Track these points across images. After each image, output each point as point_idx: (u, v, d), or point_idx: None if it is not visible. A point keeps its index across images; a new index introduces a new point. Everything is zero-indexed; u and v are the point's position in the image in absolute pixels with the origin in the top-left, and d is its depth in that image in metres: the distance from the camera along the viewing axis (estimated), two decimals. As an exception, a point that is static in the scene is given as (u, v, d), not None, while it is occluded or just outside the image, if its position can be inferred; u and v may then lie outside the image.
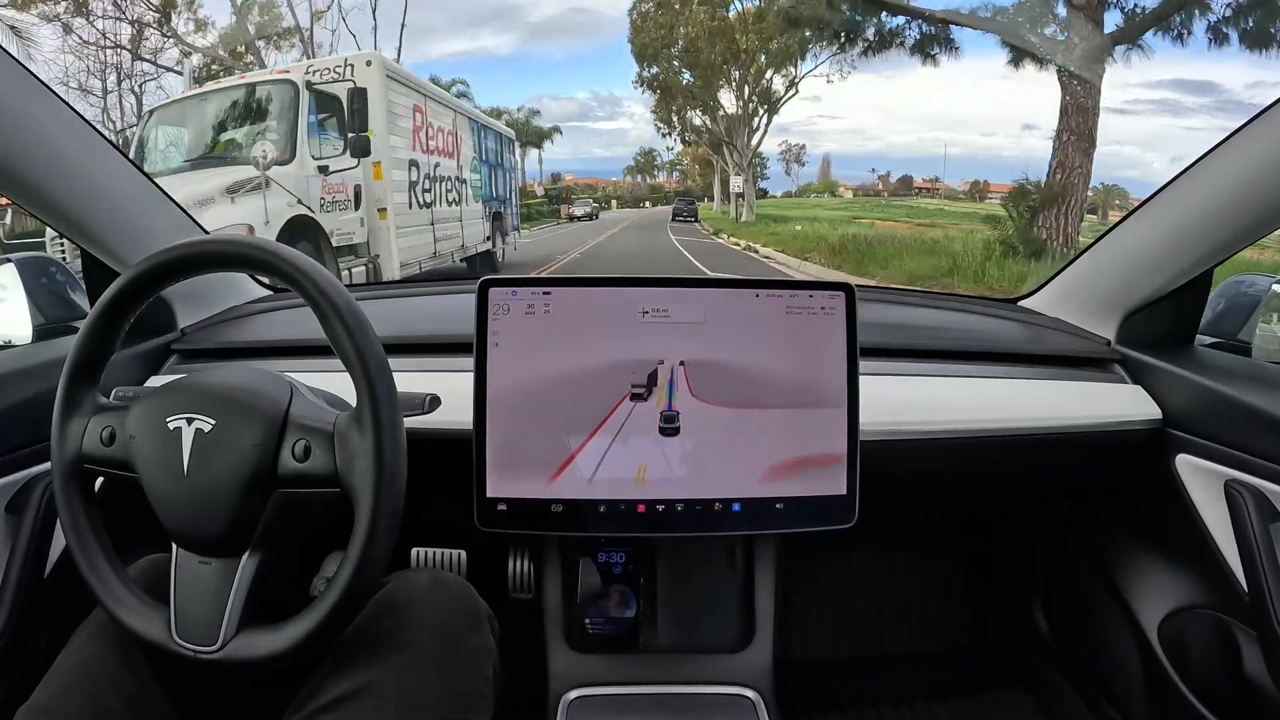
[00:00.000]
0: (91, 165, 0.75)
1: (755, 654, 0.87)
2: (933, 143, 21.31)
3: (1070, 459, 0.89)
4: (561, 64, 27.46)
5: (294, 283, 0.52)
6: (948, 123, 23.56)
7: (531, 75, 27.24)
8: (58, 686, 0.54)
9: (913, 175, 19.93)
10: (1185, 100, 18.25)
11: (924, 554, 1.26)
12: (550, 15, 26.93)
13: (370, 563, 0.50)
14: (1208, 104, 17.42)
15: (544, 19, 26.47)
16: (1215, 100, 17.61)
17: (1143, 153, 18.71)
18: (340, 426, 0.52)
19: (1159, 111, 18.43)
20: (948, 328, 1.02)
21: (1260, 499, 0.70)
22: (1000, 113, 20.66)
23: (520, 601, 0.90)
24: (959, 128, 22.83)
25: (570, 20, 26.43)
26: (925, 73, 11.17)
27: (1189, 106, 17.55)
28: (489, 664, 0.61)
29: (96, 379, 0.57)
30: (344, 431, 0.52)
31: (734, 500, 0.71)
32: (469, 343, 0.70)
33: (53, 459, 0.55)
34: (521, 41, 25.00)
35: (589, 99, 27.71)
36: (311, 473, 0.52)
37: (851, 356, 0.71)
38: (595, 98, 27.69)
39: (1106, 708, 0.94)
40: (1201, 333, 0.90)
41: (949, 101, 21.41)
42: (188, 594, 0.52)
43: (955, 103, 21.94)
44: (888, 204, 22.32)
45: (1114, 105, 16.46)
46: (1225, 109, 17.48)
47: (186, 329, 0.92)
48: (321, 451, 0.52)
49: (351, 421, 0.52)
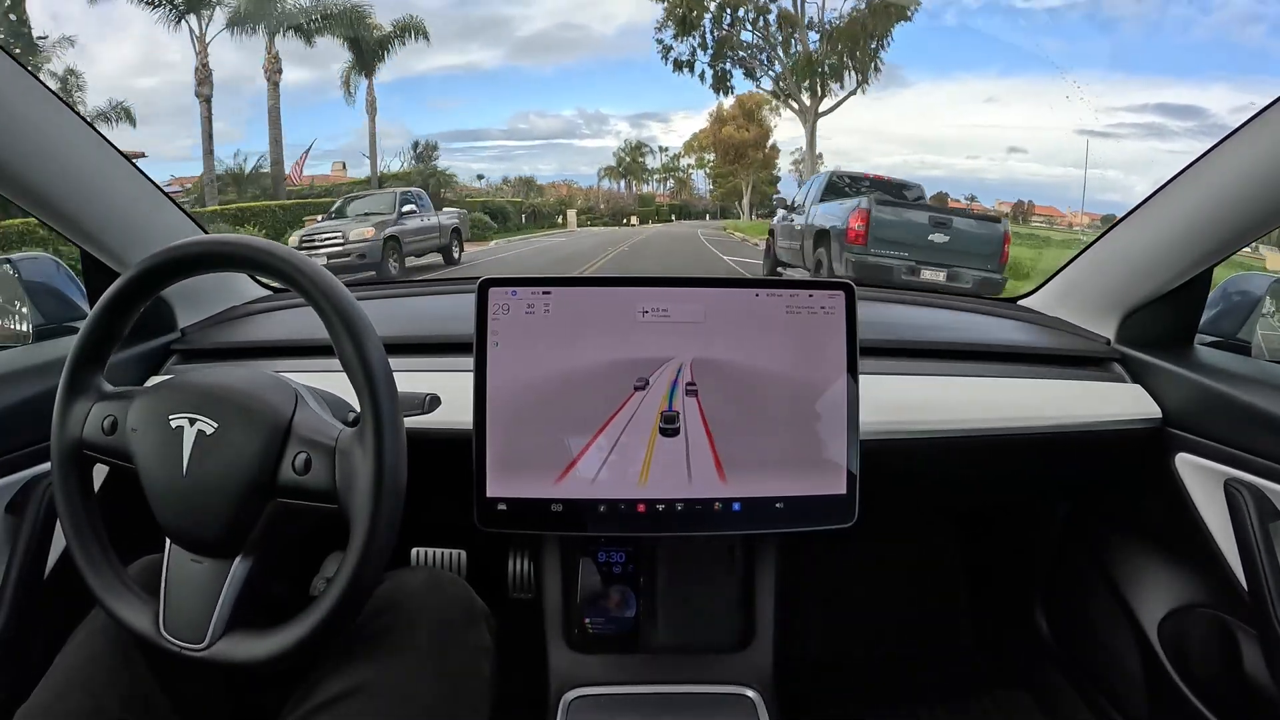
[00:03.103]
0: (91, 165, 0.75)
1: (755, 654, 0.87)
2: (916, 165, 21.28)
3: (1070, 458, 0.89)
4: (549, 80, 27.40)
5: (294, 283, 0.52)
6: (931, 145, 23.41)
7: (519, 91, 27.14)
8: (56, 687, 0.54)
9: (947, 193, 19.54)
10: (1170, 124, 18.30)
11: (924, 554, 1.26)
12: (540, 30, 26.88)
13: (362, 580, 0.50)
14: (1192, 128, 17.48)
15: (534, 33, 26.43)
16: (1200, 124, 17.67)
17: (1125, 176, 18.79)
18: (343, 443, 0.52)
19: (1144, 135, 18.48)
20: (948, 327, 1.02)
21: (1260, 498, 0.70)
22: (986, 136, 20.70)
23: (520, 601, 0.90)
24: (943, 150, 22.74)
25: (560, 36, 26.37)
26: (909, 95, 11.13)
27: (1174, 130, 17.61)
28: (486, 662, 0.61)
29: (102, 366, 0.57)
30: (346, 448, 0.51)
31: (734, 500, 0.71)
32: (469, 342, 0.70)
33: (53, 441, 0.55)
34: (510, 56, 24.99)
35: (575, 116, 27.48)
36: (310, 487, 0.51)
37: (851, 356, 0.71)
38: (581, 115, 27.46)
39: (1106, 707, 0.94)
40: (1201, 332, 0.90)
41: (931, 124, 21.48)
42: (178, 590, 0.52)
43: (939, 126, 21.98)
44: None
45: (1098, 129, 16.51)
46: (1210, 133, 17.54)
47: (186, 329, 0.91)
48: (322, 467, 0.51)
49: (354, 439, 0.51)
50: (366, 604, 0.58)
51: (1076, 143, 19.54)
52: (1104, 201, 15.78)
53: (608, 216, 22.63)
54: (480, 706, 0.59)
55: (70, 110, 0.71)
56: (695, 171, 24.78)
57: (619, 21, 18.20)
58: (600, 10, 27.42)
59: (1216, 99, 17.93)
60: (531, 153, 25.38)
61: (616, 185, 24.86)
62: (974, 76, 20.77)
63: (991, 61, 24.35)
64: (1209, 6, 20.11)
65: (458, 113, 26.81)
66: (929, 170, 21.32)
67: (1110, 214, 15.71)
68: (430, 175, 15.21)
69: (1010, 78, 24.06)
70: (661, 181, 25.17)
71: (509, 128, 27.15)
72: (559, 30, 27.45)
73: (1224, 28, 18.62)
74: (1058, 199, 17.62)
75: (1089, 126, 15.12)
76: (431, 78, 24.40)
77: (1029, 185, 19.88)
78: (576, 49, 26.90)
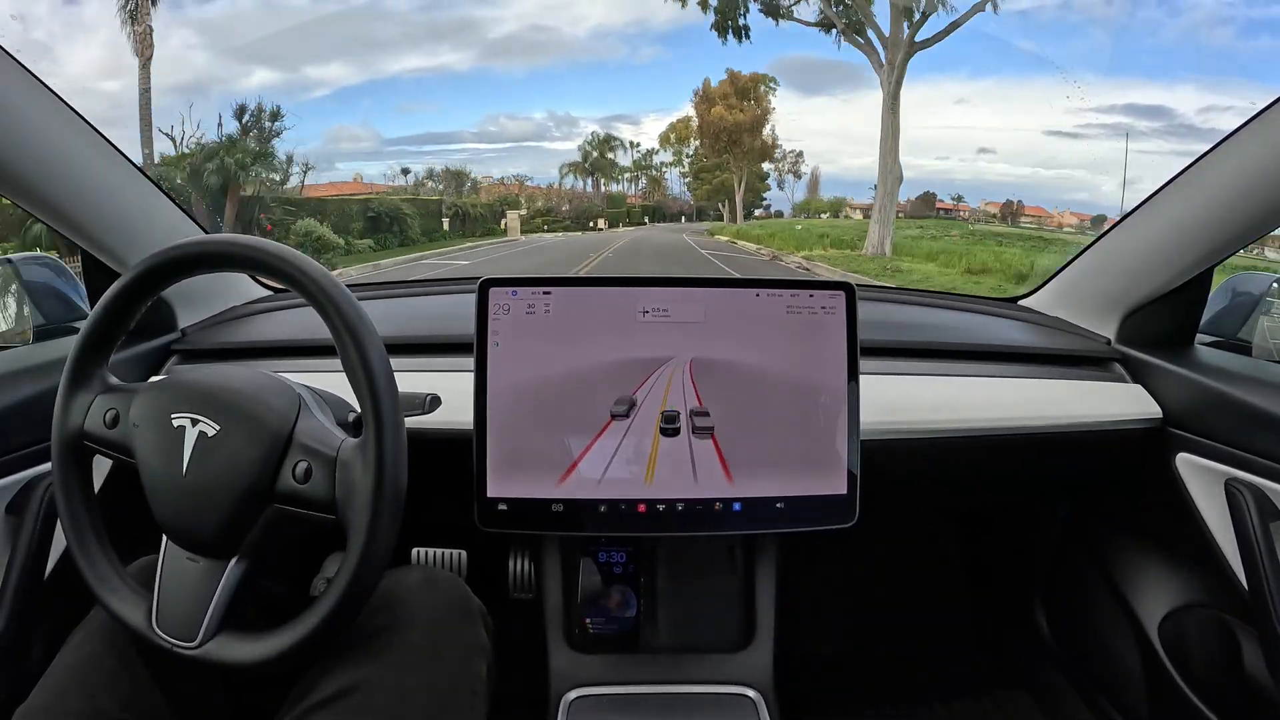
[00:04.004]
0: (91, 165, 0.75)
1: (756, 654, 0.87)
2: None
3: (1070, 458, 0.89)
4: (520, 82, 27.35)
5: (295, 283, 0.52)
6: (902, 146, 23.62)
7: (490, 93, 27.05)
8: (54, 688, 0.54)
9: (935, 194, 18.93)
10: (1138, 124, 18.38)
11: (924, 554, 1.26)
12: (511, 32, 26.77)
13: (356, 590, 0.49)
14: (1160, 128, 17.60)
15: (504, 35, 26.33)
16: (1168, 124, 17.79)
17: (1092, 176, 18.82)
18: (344, 454, 0.51)
19: (1111, 135, 18.53)
20: (948, 327, 1.02)
21: (1260, 498, 0.70)
22: (956, 137, 20.67)
23: (521, 601, 0.90)
24: (914, 151, 22.65)
25: (530, 38, 26.28)
26: (879, 98, 10.66)
27: (1142, 130, 17.70)
28: (482, 661, 0.61)
29: (106, 358, 0.58)
30: (347, 459, 0.51)
31: (734, 500, 0.71)
32: (469, 342, 0.70)
33: (54, 432, 0.55)
34: (481, 58, 24.94)
35: (545, 119, 27.45)
36: (309, 496, 0.51)
37: (852, 356, 0.71)
38: (552, 117, 27.43)
39: (1106, 707, 0.94)
40: (1201, 332, 0.90)
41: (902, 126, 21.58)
42: (172, 587, 0.52)
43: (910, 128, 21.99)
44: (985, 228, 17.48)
45: (1066, 129, 16.52)
46: (1177, 133, 17.61)
47: (186, 329, 0.91)
48: (322, 477, 0.51)
49: (356, 451, 0.51)
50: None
51: (1044, 143, 19.56)
52: (1072, 201, 15.82)
53: (570, 219, 19.45)
54: (477, 705, 0.59)
55: (70, 110, 0.71)
56: (670, 169, 22.01)
57: (590, 23, 18.11)
58: (571, 12, 27.32)
59: (1185, 99, 18.03)
60: (502, 155, 25.49)
61: (583, 183, 21.71)
62: (945, 78, 20.84)
63: (962, 64, 24.34)
64: (1178, 9, 20.21)
65: (428, 115, 26.87)
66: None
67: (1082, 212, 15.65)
68: (238, 156, 9.96)
69: (980, 80, 24.17)
70: (633, 181, 22.30)
71: (479, 130, 27.21)
72: (530, 32, 27.35)
73: (1193, 30, 18.71)
74: (1028, 199, 17.61)
75: (1057, 127, 15.11)
76: (402, 80, 24.20)
77: (998, 185, 19.98)
78: (547, 51, 26.83)
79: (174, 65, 11.04)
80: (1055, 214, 16.94)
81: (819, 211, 21.49)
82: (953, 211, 19.31)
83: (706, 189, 20.16)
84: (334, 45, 19.04)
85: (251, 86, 11.05)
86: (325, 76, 25.79)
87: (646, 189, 22.23)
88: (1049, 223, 16.67)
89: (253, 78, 11.28)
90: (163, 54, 10.36)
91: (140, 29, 10.39)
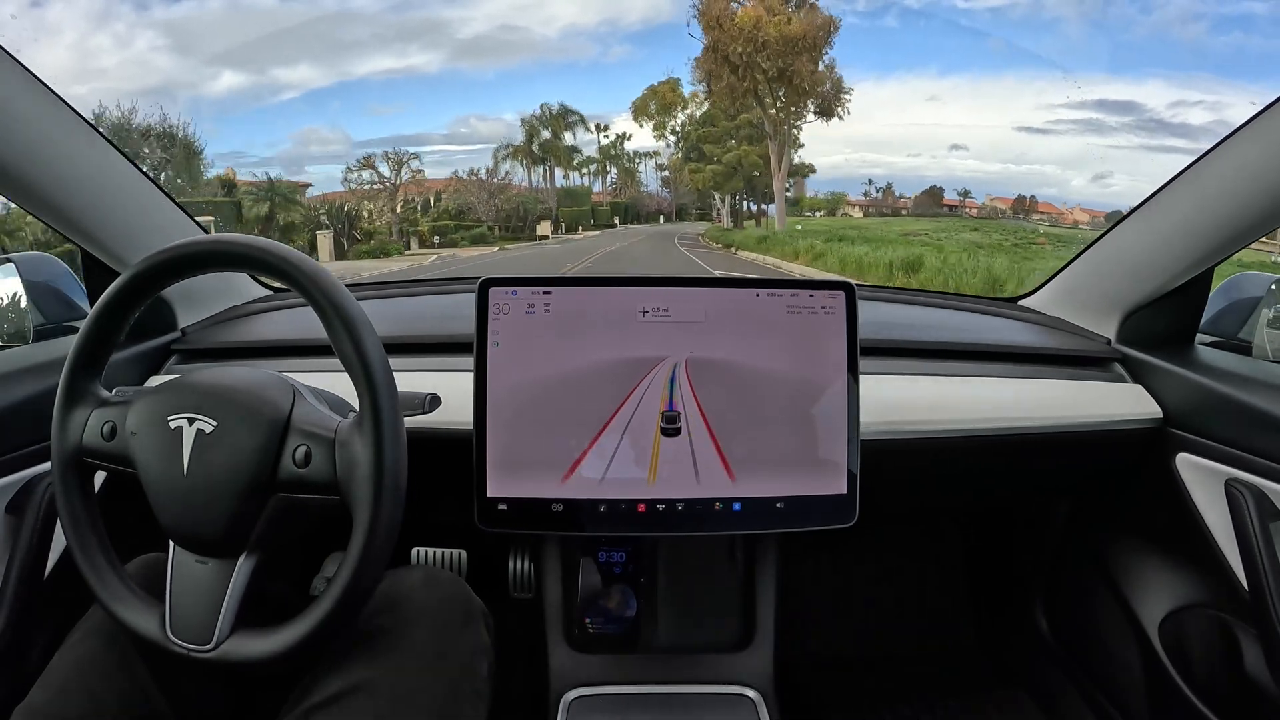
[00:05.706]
0: (91, 165, 0.75)
1: (756, 653, 0.87)
2: (858, 163, 20.97)
3: (1070, 458, 0.89)
4: (491, 84, 27.21)
5: (294, 283, 0.52)
6: (872, 144, 23.34)
7: (460, 95, 26.86)
8: (54, 686, 0.54)
9: (941, 189, 18.41)
10: (1108, 120, 18.49)
11: (924, 554, 1.26)
12: (480, 33, 26.62)
13: (366, 571, 0.50)
14: (1129, 123, 17.72)
15: (474, 36, 26.18)
16: (1137, 119, 17.90)
17: (1062, 171, 18.91)
18: (342, 434, 0.52)
19: (1082, 131, 18.64)
20: (948, 327, 1.02)
21: (1260, 498, 0.70)
22: (927, 134, 20.73)
23: (521, 601, 0.90)
24: (885, 149, 22.71)
25: (500, 38, 26.14)
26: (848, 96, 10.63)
27: (1112, 126, 17.82)
28: (483, 661, 0.61)
29: (100, 371, 0.57)
30: (345, 439, 0.52)
31: (734, 500, 0.71)
32: (469, 342, 0.70)
33: (53, 450, 0.55)
34: (451, 59, 24.79)
35: (516, 120, 27.43)
36: (311, 479, 0.51)
37: (852, 356, 0.71)
38: (523, 119, 27.43)
39: (1107, 707, 0.94)
40: (1201, 332, 0.90)
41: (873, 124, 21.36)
42: (184, 592, 0.52)
43: (880, 125, 21.91)
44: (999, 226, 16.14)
45: (1037, 125, 16.61)
46: (1146, 128, 17.72)
47: (186, 329, 0.91)
48: (322, 458, 0.51)
49: (353, 429, 0.52)
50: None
51: (1014, 139, 19.58)
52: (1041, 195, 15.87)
53: (495, 224, 13.08)
54: (478, 705, 0.59)
55: (70, 109, 0.71)
56: (645, 161, 16.98)
57: (561, 24, 17.93)
58: (542, 13, 27.12)
59: (1154, 94, 18.07)
60: (472, 157, 25.24)
61: (528, 174, 14.89)
62: (915, 76, 21.00)
63: (931, 61, 24.37)
64: (1149, 6, 20.27)
65: (398, 118, 26.82)
66: (870, 169, 21.18)
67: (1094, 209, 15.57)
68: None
69: (951, 77, 24.19)
70: (600, 174, 17.04)
71: (450, 132, 26.99)
72: (500, 32, 27.17)
73: (1164, 26, 18.75)
74: (1000, 194, 17.57)
75: (1028, 123, 15.11)
76: (371, 81, 24.05)
77: (969, 181, 20.08)
78: (517, 51, 26.65)
79: (140, 69, 10.84)
80: (1066, 211, 16.90)
81: (814, 209, 19.06)
82: (958, 208, 19.22)
83: (713, 172, 14.14)
84: (303, 47, 18.91)
85: (219, 90, 10.87)
86: (294, 79, 25.63)
87: (617, 183, 16.86)
88: (1064, 220, 16.58)
89: (220, 81, 11.15)
90: (128, 57, 10.18)
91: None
